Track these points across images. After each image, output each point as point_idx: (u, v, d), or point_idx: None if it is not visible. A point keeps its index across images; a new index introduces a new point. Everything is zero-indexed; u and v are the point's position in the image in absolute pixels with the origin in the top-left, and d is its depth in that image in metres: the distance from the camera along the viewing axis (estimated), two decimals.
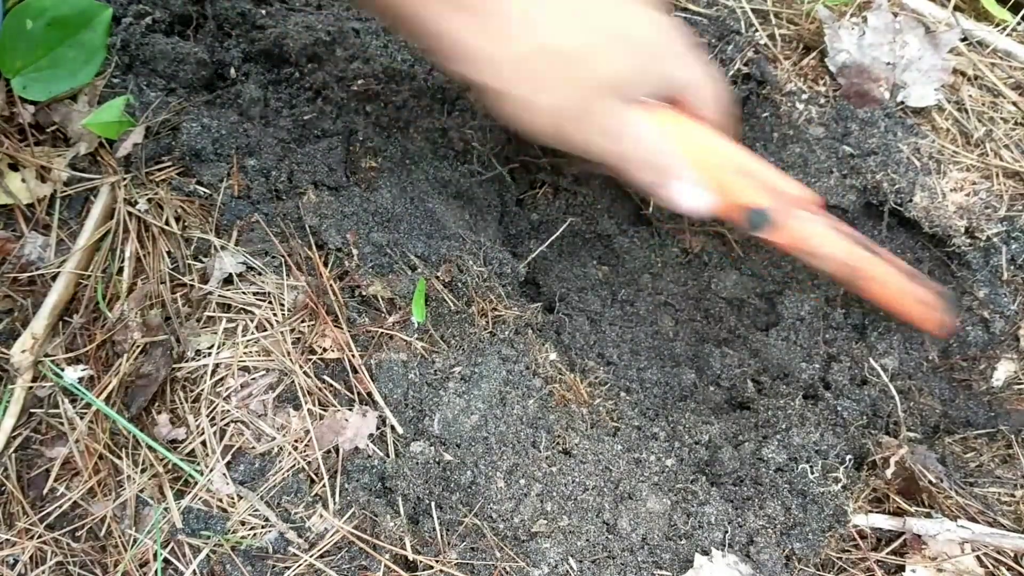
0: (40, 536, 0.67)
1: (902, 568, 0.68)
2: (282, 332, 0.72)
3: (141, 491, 0.68)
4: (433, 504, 0.65)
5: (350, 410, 0.69)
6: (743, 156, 0.62)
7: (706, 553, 0.65)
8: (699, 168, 0.60)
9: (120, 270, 0.75)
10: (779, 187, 0.61)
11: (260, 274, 0.74)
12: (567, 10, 0.54)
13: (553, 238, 0.85)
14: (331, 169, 0.75)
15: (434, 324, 0.72)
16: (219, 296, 0.73)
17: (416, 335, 0.72)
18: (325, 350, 0.71)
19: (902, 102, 0.84)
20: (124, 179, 0.76)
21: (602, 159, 0.59)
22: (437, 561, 0.63)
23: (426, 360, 0.71)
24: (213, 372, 0.71)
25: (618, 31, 0.56)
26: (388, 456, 0.68)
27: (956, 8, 0.88)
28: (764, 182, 0.61)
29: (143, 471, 0.69)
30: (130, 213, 0.75)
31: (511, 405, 0.69)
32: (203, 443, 0.69)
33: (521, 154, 0.89)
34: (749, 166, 0.61)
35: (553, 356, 0.73)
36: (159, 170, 0.76)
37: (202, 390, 0.71)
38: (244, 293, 0.74)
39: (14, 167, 0.78)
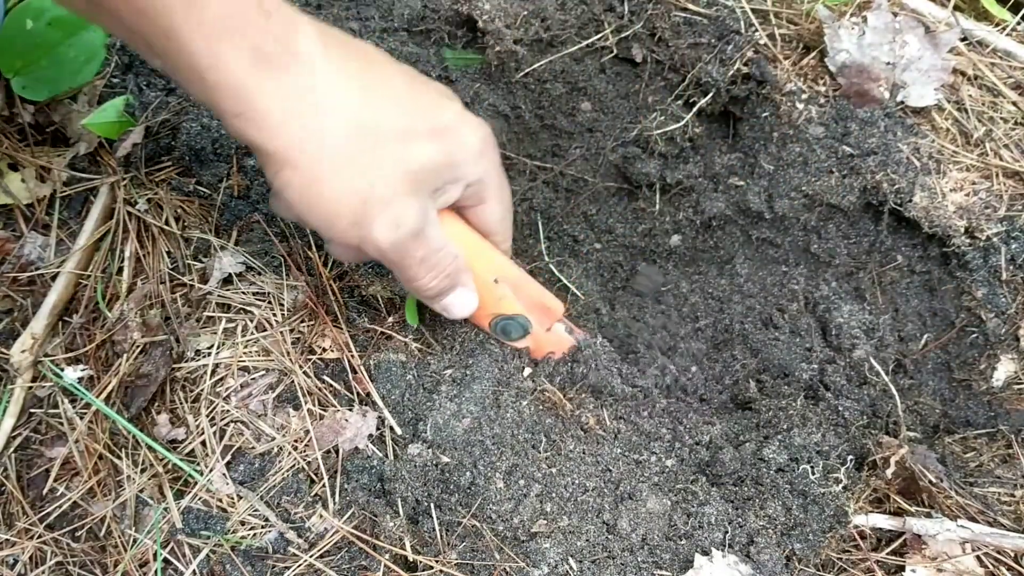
0: (40, 536, 0.67)
1: (902, 568, 0.67)
2: (282, 332, 0.72)
3: (141, 491, 0.68)
4: (432, 505, 0.65)
5: (350, 410, 0.69)
6: (510, 266, 0.65)
7: (706, 553, 0.65)
8: (478, 281, 0.62)
9: (120, 270, 0.75)
10: (540, 299, 0.67)
11: (260, 274, 0.74)
12: (384, 89, 0.51)
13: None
14: None
15: (429, 325, 0.72)
16: (219, 296, 0.73)
17: (412, 336, 0.72)
18: (325, 350, 0.71)
19: (902, 102, 0.84)
20: (124, 179, 0.76)
21: (384, 254, 0.54)
22: (437, 561, 0.63)
23: (422, 362, 0.71)
24: (213, 372, 0.71)
25: (433, 119, 0.53)
26: (387, 457, 0.68)
27: (956, 8, 0.88)
28: (527, 294, 0.66)
29: (143, 471, 0.69)
30: (130, 213, 0.75)
31: (505, 407, 0.69)
32: (203, 443, 0.69)
33: (521, 153, 0.89)
34: (515, 277, 0.65)
35: (528, 371, 0.73)
36: (159, 170, 0.76)
37: (202, 390, 0.71)
38: (244, 293, 0.74)
39: (14, 167, 0.78)
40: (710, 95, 0.84)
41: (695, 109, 0.85)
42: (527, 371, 0.72)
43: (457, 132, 0.55)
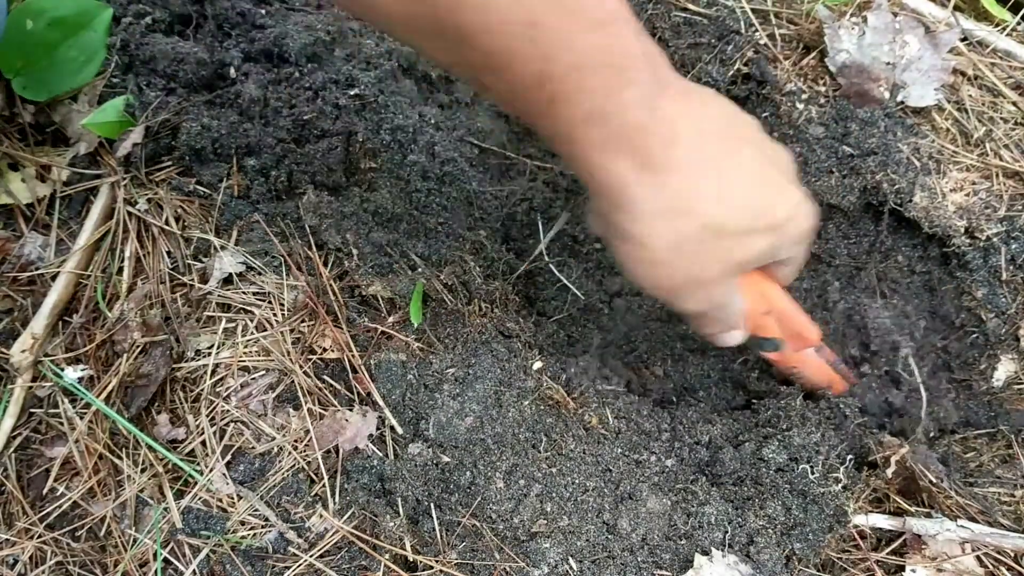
0: (40, 536, 0.67)
1: (902, 568, 0.67)
2: (282, 332, 0.72)
3: (141, 491, 0.68)
4: (432, 505, 0.65)
5: (350, 410, 0.69)
6: (785, 303, 0.69)
7: (706, 553, 0.65)
8: (750, 317, 0.66)
9: (120, 270, 0.75)
10: (799, 330, 0.70)
11: (260, 274, 0.74)
12: (737, 183, 0.53)
13: (553, 231, 0.85)
14: (330, 169, 0.75)
15: (431, 324, 0.72)
16: (219, 296, 0.73)
17: (414, 335, 0.72)
18: (325, 350, 0.71)
19: (902, 102, 0.84)
20: (124, 179, 0.76)
21: (687, 316, 0.61)
22: (437, 561, 0.63)
23: (424, 361, 0.71)
24: (213, 372, 0.71)
25: (773, 215, 0.56)
26: (388, 457, 0.68)
27: (956, 8, 0.88)
28: (790, 325, 0.70)
29: (143, 471, 0.69)
30: (130, 213, 0.75)
31: (507, 406, 0.69)
32: (203, 443, 0.69)
33: (521, 153, 0.89)
34: (785, 311, 0.69)
35: (538, 365, 0.73)
36: (159, 170, 0.76)
37: (202, 390, 0.71)
38: (244, 293, 0.74)
39: (14, 167, 0.78)
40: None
41: None
42: (536, 365, 0.73)
43: (789, 225, 0.57)
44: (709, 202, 0.52)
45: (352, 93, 0.80)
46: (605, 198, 0.52)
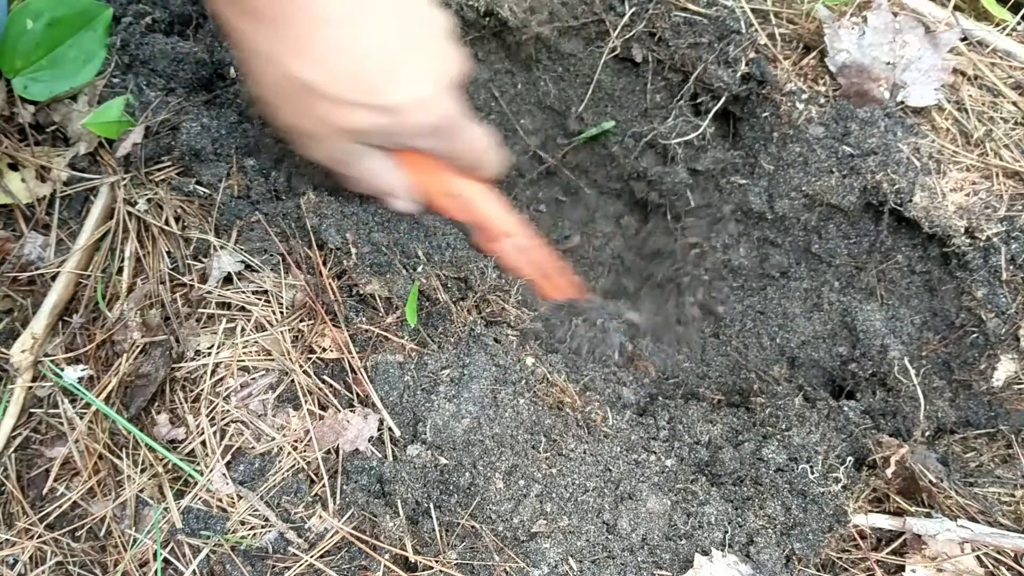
0: (40, 536, 0.67)
1: (902, 568, 0.67)
2: (281, 332, 0.72)
3: (141, 491, 0.68)
4: (432, 505, 0.65)
5: (351, 411, 0.69)
6: (470, 192, 0.73)
7: (706, 553, 0.65)
8: (424, 194, 0.70)
9: (120, 270, 0.75)
10: (482, 221, 0.75)
11: (258, 272, 0.74)
12: (344, 48, 0.53)
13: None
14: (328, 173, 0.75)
15: (425, 324, 0.72)
16: (218, 295, 0.73)
17: (409, 336, 0.72)
18: (324, 349, 0.71)
19: (902, 102, 0.84)
20: (124, 179, 0.76)
21: (315, 163, 0.64)
22: (437, 561, 0.63)
23: (420, 362, 0.71)
24: (213, 372, 0.71)
25: (374, 90, 0.55)
26: (387, 458, 0.68)
27: (956, 8, 0.88)
28: (472, 215, 0.74)
29: (143, 471, 0.69)
30: (130, 213, 0.75)
31: (504, 406, 0.69)
32: (203, 443, 0.69)
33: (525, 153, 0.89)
34: (469, 200, 0.73)
35: (530, 361, 0.73)
36: (159, 170, 0.76)
37: (202, 390, 0.71)
38: (243, 292, 0.74)
39: (14, 167, 0.78)
40: (722, 100, 0.84)
41: (711, 114, 0.85)
42: (529, 361, 0.73)
43: (405, 115, 0.58)
44: (303, 59, 0.53)
45: None
46: (224, 33, 0.58)
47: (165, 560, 0.66)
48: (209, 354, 0.72)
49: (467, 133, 0.63)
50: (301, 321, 0.72)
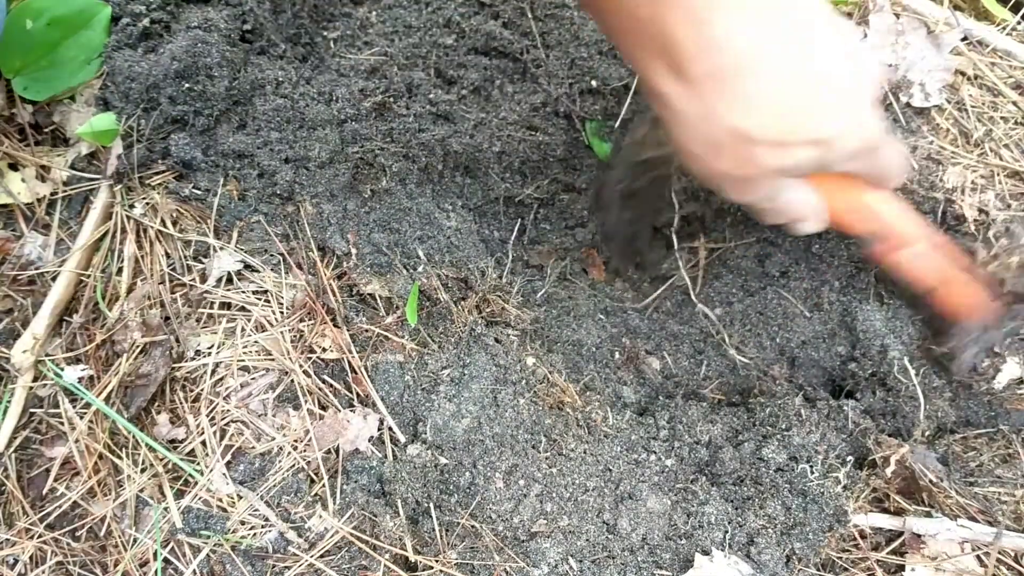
0: (40, 536, 0.67)
1: (902, 568, 0.68)
2: (281, 332, 0.72)
3: (141, 491, 0.68)
4: (432, 505, 0.65)
5: (351, 411, 0.69)
6: (875, 204, 0.69)
7: (706, 553, 0.65)
8: (831, 213, 0.67)
9: (120, 270, 0.75)
10: (884, 232, 0.71)
11: (258, 272, 0.74)
12: (772, 93, 0.54)
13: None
14: (332, 181, 0.75)
15: (426, 324, 0.72)
16: (219, 296, 0.73)
17: (409, 336, 0.72)
18: (324, 349, 0.71)
19: (905, 103, 0.84)
20: (116, 187, 0.75)
21: (740, 204, 0.64)
22: (437, 561, 0.63)
23: (420, 362, 0.71)
24: (213, 372, 0.71)
25: (807, 126, 0.56)
26: (387, 458, 0.68)
27: (956, 8, 0.88)
28: (873, 226, 0.70)
29: (143, 471, 0.69)
30: (128, 216, 0.75)
31: (504, 406, 0.69)
32: (203, 443, 0.69)
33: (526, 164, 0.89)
34: (871, 212, 0.69)
35: (531, 360, 0.73)
36: (155, 174, 0.76)
37: (202, 390, 0.71)
38: (243, 292, 0.74)
39: (14, 167, 0.78)
40: None
41: None
42: (530, 361, 0.73)
43: (838, 142, 0.58)
44: (736, 111, 0.54)
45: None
46: (648, 94, 0.58)
47: (165, 560, 0.66)
48: (209, 354, 0.72)
49: (887, 147, 0.63)
50: (301, 321, 0.72)
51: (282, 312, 0.73)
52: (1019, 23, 0.90)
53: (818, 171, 0.60)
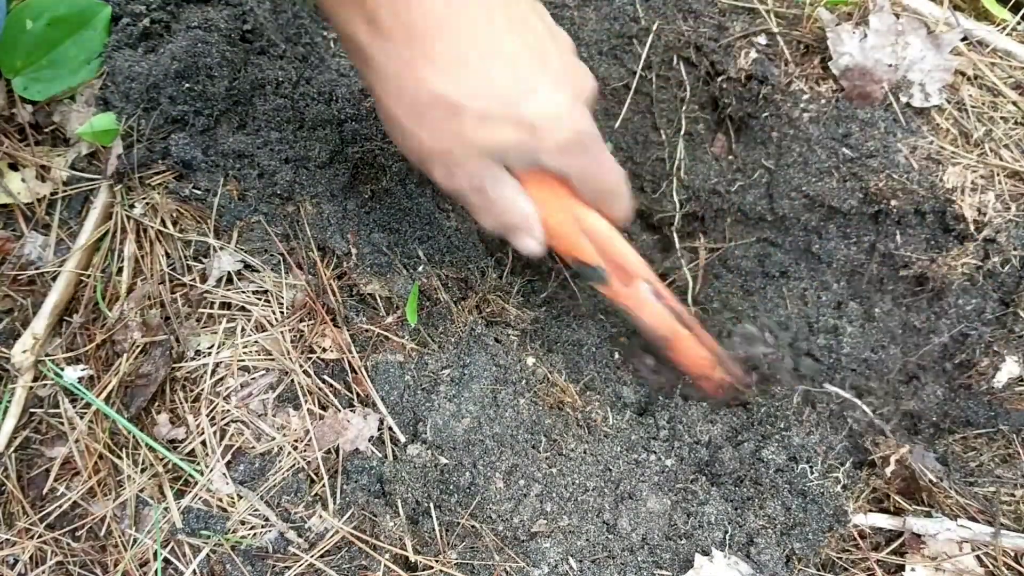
0: (40, 536, 0.67)
1: (902, 567, 0.68)
2: (282, 332, 0.72)
3: (141, 491, 0.68)
4: (432, 505, 0.65)
5: (351, 411, 0.69)
6: (599, 225, 0.65)
7: (706, 553, 0.65)
8: (550, 227, 0.63)
9: (120, 270, 0.75)
10: (619, 260, 0.67)
11: (259, 272, 0.74)
12: (480, 62, 0.52)
13: None
14: (332, 181, 0.75)
15: (426, 324, 0.72)
16: (218, 295, 0.73)
17: (409, 336, 0.72)
18: (325, 350, 0.71)
19: (905, 103, 0.84)
20: (116, 187, 0.75)
21: (457, 199, 0.61)
22: (437, 561, 0.63)
23: (420, 362, 0.71)
24: (213, 372, 0.71)
25: (513, 104, 0.54)
26: (387, 458, 0.68)
27: (956, 8, 0.88)
28: (608, 253, 0.66)
29: (143, 471, 0.69)
30: (128, 216, 0.75)
31: (504, 406, 0.69)
32: (203, 443, 0.69)
33: None
34: (599, 234, 0.66)
35: (531, 360, 0.73)
36: (155, 174, 0.76)
37: (202, 390, 0.71)
38: (243, 292, 0.74)
39: (14, 167, 0.78)
40: (730, 106, 0.85)
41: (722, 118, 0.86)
42: (530, 361, 0.73)
43: (544, 130, 0.56)
44: (440, 74, 0.52)
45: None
46: (351, 54, 0.55)
47: (165, 560, 0.66)
48: (209, 354, 0.72)
49: (601, 154, 0.61)
50: (301, 321, 0.72)
51: (282, 312, 0.73)
52: (1019, 23, 0.90)
53: (527, 161, 0.57)
